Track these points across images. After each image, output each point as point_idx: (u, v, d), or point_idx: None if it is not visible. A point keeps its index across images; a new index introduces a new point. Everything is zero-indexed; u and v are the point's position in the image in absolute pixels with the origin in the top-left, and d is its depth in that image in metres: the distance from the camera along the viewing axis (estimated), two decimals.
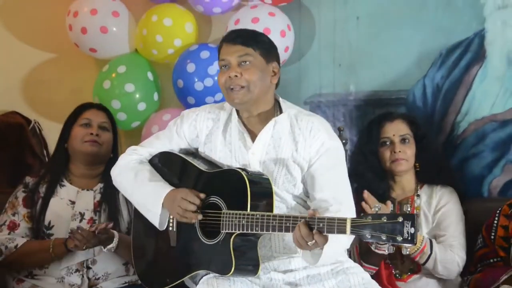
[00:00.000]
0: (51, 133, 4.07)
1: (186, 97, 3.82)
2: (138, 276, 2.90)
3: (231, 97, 2.71)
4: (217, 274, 2.63)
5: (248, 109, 2.74)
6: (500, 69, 3.66)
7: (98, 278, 3.17)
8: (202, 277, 2.70)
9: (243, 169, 2.63)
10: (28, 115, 4.13)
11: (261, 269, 2.60)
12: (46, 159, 4.02)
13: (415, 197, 3.28)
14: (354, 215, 2.62)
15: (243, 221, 2.53)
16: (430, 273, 3.17)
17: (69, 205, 3.24)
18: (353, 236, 2.59)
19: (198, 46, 3.85)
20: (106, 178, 3.30)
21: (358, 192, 2.97)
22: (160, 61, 3.97)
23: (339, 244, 2.56)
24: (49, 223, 3.21)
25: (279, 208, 2.63)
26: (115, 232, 3.12)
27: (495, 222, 3.19)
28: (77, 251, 3.10)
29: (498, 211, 3.21)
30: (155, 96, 3.98)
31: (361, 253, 3.10)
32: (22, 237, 3.19)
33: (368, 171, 3.25)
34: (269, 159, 2.71)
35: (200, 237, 2.66)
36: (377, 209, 2.36)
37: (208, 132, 2.79)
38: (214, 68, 3.75)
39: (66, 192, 3.28)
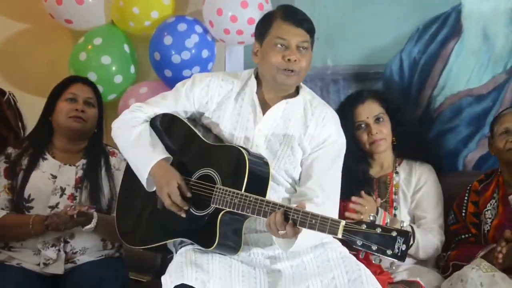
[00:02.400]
0: (26, 105, 4.03)
1: (163, 70, 3.79)
2: (118, 231, 2.88)
3: (281, 78, 2.69)
4: (196, 246, 2.63)
5: (282, 91, 2.73)
6: (476, 43, 3.67)
7: (76, 252, 3.16)
8: (179, 244, 2.70)
9: (245, 149, 2.62)
10: (2, 87, 4.07)
11: (242, 249, 2.61)
12: (22, 131, 3.97)
13: (394, 174, 3.29)
14: (337, 212, 2.65)
15: (235, 200, 2.53)
16: None
17: (50, 179, 3.21)
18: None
19: (175, 19, 3.82)
20: (89, 154, 3.29)
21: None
22: (136, 33, 3.94)
23: (314, 238, 2.58)
24: (29, 196, 3.18)
25: (271, 187, 2.62)
26: (94, 213, 3.10)
27: (466, 198, 3.22)
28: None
29: (468, 188, 3.24)
30: (132, 69, 3.95)
31: None
32: (2, 208, 3.16)
33: (347, 156, 3.22)
34: (275, 138, 2.71)
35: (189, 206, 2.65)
36: (372, 218, 2.36)
37: (220, 100, 2.77)
38: (191, 41, 3.73)
39: (48, 165, 3.24)
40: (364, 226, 2.33)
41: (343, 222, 2.37)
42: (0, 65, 4.21)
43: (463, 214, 3.21)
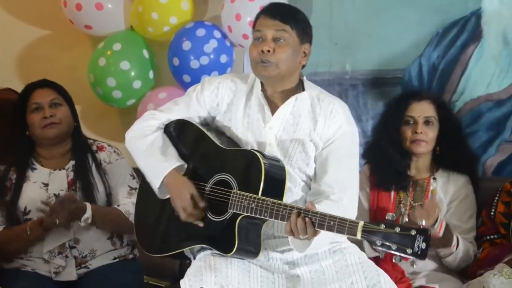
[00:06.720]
0: None
1: (182, 75, 3.81)
2: (137, 239, 2.88)
3: (258, 70, 2.68)
4: (215, 252, 2.63)
5: (273, 84, 2.71)
6: (496, 48, 3.66)
7: (85, 256, 3.15)
8: (198, 251, 2.70)
9: (260, 152, 2.60)
10: None
11: (261, 254, 2.60)
12: None
13: (431, 180, 3.25)
14: (356, 205, 2.64)
15: (253, 205, 2.52)
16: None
17: (43, 188, 3.19)
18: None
19: (194, 24, 3.83)
20: (76, 153, 3.27)
21: (380, 164, 3.01)
22: (155, 38, 3.96)
23: (330, 237, 2.56)
24: (25, 208, 3.16)
25: (287, 187, 2.61)
26: (87, 203, 3.09)
27: (496, 198, 3.18)
28: (55, 231, 3.08)
29: (499, 189, 3.20)
30: (151, 74, 3.97)
31: None
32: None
33: (390, 146, 3.18)
34: (285, 135, 2.70)
35: (206, 212, 2.66)
36: (390, 218, 2.35)
37: (229, 102, 2.76)
38: (210, 46, 3.75)
39: (38, 175, 3.22)
40: (382, 226, 2.32)
41: (361, 223, 2.35)
42: (21, 71, 4.25)
43: (492, 213, 3.16)
